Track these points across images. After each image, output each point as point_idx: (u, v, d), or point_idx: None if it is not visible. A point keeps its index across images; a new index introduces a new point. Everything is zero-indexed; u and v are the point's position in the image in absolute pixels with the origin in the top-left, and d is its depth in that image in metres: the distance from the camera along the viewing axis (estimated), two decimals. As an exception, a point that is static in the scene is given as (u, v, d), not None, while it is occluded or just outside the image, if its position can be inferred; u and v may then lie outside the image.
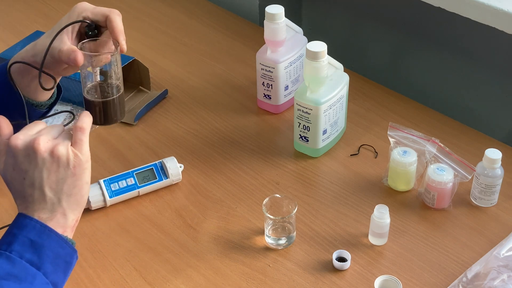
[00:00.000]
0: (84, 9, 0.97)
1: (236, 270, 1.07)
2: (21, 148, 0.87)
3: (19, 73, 1.00)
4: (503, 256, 1.03)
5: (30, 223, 0.86)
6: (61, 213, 0.88)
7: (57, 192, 0.88)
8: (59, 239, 0.87)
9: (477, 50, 1.43)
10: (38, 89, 1.03)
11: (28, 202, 0.88)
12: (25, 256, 0.84)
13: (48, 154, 0.87)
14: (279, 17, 1.30)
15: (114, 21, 0.95)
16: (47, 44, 0.95)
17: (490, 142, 1.30)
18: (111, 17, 0.95)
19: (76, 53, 0.93)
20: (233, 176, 1.26)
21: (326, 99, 1.23)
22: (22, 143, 0.88)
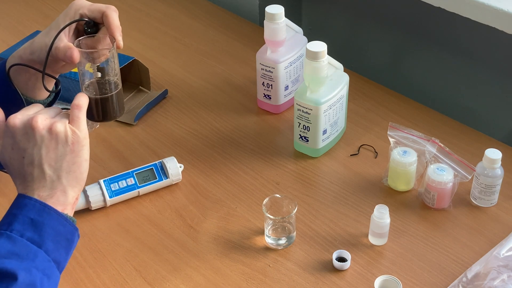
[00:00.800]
0: (80, 6, 0.98)
1: (236, 270, 1.07)
2: (19, 127, 0.88)
3: (17, 71, 1.01)
4: (503, 256, 1.03)
5: (29, 202, 0.86)
6: (61, 190, 0.88)
7: (57, 170, 0.88)
8: (59, 217, 0.87)
9: (477, 50, 1.43)
10: (36, 87, 1.03)
11: (27, 181, 0.88)
12: (25, 235, 0.84)
13: (46, 131, 0.88)
14: (279, 17, 1.30)
15: (110, 17, 0.96)
16: (44, 42, 0.96)
17: (490, 142, 1.30)
18: (107, 13, 0.96)
19: (72, 50, 0.94)
20: (233, 176, 1.26)
21: (326, 99, 1.23)
22: (20, 122, 0.88)
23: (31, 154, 0.88)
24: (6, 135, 0.89)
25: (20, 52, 1.00)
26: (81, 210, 1.17)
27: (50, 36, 0.96)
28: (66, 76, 1.40)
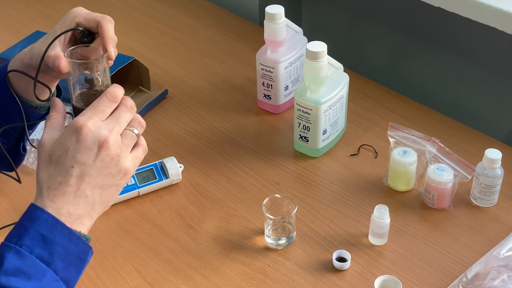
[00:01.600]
0: (77, 14, 0.97)
1: (236, 270, 1.07)
2: (89, 140, 0.83)
3: (17, 75, 1.01)
4: (503, 256, 1.03)
5: (41, 215, 0.82)
6: (89, 214, 0.85)
7: (97, 195, 0.85)
8: (71, 236, 0.83)
9: (477, 50, 1.43)
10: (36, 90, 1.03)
11: (59, 192, 0.83)
12: (35, 251, 0.81)
13: (111, 157, 0.84)
14: (279, 17, 1.30)
15: (104, 27, 0.94)
16: (42, 49, 0.95)
17: (490, 142, 1.30)
18: (102, 24, 0.94)
19: (60, 60, 0.92)
20: (233, 176, 1.26)
21: (326, 99, 1.23)
22: (92, 136, 0.84)
23: (84, 169, 0.83)
24: (69, 134, 0.84)
25: (21, 55, 1.00)
26: (81, 210, 1.17)
27: (47, 43, 0.95)
28: (66, 76, 1.40)
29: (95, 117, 0.85)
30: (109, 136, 0.84)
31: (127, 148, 0.86)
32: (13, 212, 1.18)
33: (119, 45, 1.70)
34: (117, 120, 0.86)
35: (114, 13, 1.79)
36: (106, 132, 0.84)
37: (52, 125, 0.88)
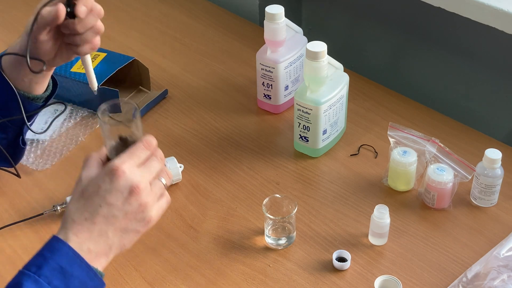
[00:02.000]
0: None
1: (236, 270, 1.07)
2: (121, 183, 0.84)
3: (13, 66, 1.01)
4: (503, 256, 1.03)
5: (63, 248, 0.83)
6: (105, 254, 0.85)
7: (118, 238, 0.85)
8: (89, 271, 0.83)
9: (477, 50, 1.43)
10: (33, 82, 1.04)
11: (83, 228, 0.84)
12: (53, 283, 0.81)
13: (140, 204, 0.85)
14: (279, 17, 1.30)
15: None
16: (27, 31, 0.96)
17: (490, 142, 1.30)
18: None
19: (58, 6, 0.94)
20: (233, 176, 1.26)
21: (326, 99, 1.23)
22: (125, 179, 0.84)
23: (111, 211, 0.84)
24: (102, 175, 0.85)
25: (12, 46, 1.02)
26: (81, 210, 1.17)
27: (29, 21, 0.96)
28: (66, 76, 1.40)
29: (130, 161, 0.86)
30: (141, 182, 0.85)
31: (155, 197, 0.87)
32: (13, 212, 1.18)
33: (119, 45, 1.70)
34: (149, 168, 0.87)
35: (114, 13, 1.79)
36: (138, 178, 0.85)
37: (91, 163, 0.88)
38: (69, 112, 1.41)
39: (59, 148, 1.32)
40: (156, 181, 0.88)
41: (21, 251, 1.11)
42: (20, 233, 1.14)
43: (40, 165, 1.28)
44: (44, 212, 1.16)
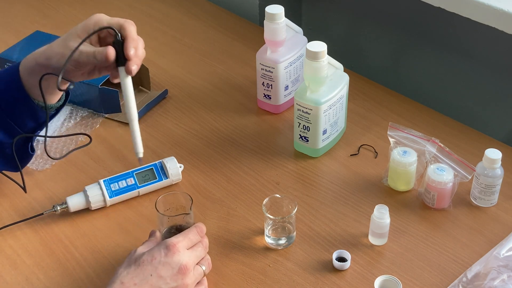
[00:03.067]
0: (100, 19, 1.00)
1: (236, 270, 1.07)
2: (174, 259, 0.95)
3: (29, 73, 1.02)
4: (503, 256, 1.03)
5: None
6: None
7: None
8: None
9: (477, 50, 1.43)
10: (47, 92, 1.04)
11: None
12: None
13: (182, 283, 0.95)
14: (279, 17, 1.30)
15: (127, 28, 0.98)
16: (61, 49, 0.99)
17: (490, 142, 1.30)
18: (125, 26, 0.99)
19: (108, 49, 0.97)
20: (233, 176, 1.26)
21: (326, 99, 1.23)
22: (178, 257, 0.95)
23: (159, 282, 0.93)
24: (158, 247, 0.96)
25: (35, 55, 1.02)
26: (81, 210, 1.17)
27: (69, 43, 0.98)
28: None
29: (184, 242, 0.97)
30: (190, 264, 0.96)
31: (196, 280, 0.98)
32: (13, 212, 1.18)
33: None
34: (196, 253, 0.99)
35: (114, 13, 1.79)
36: (188, 259, 0.96)
37: (149, 243, 1.00)
38: (69, 112, 1.41)
39: (59, 148, 1.32)
40: (198, 267, 0.99)
41: (21, 251, 1.11)
42: (20, 233, 1.14)
43: (40, 165, 1.28)
44: (44, 212, 1.16)
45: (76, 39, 0.99)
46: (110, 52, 0.97)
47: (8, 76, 1.05)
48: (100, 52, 0.97)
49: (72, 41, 0.99)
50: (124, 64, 0.99)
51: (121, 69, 0.99)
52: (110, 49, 0.97)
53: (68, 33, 1.01)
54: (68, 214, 1.17)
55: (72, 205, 1.16)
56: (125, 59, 0.98)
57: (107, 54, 0.97)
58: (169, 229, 1.06)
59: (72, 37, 1.00)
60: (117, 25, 0.99)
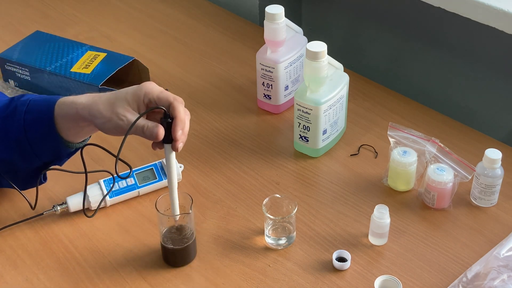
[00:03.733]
0: (151, 91, 1.00)
1: (236, 270, 1.07)
2: None
3: (66, 118, 1.02)
4: (503, 256, 1.03)
5: None
6: None
7: None
8: None
9: (477, 50, 1.43)
10: (77, 136, 1.05)
11: None
12: None
13: None
14: (279, 17, 1.30)
15: (176, 109, 0.98)
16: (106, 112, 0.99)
17: (490, 142, 1.30)
18: (174, 105, 0.98)
19: (159, 128, 0.97)
20: (233, 176, 1.26)
21: (326, 99, 1.23)
22: None
23: None
24: None
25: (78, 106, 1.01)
26: (81, 210, 1.17)
27: (117, 109, 0.98)
28: (66, 76, 1.40)
29: None
30: None
31: None
32: (13, 212, 1.18)
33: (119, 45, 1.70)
34: None
35: (114, 13, 1.80)
36: None
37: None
38: (69, 112, 1.41)
39: (59, 148, 1.32)
40: None
41: (21, 251, 1.11)
42: (20, 233, 1.14)
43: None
44: (44, 212, 1.16)
45: (125, 107, 0.99)
46: (160, 133, 0.97)
47: (42, 107, 1.04)
48: (150, 130, 0.97)
49: (120, 107, 0.99)
50: (171, 141, 0.99)
51: (167, 146, 1.00)
52: (161, 129, 0.97)
53: (116, 96, 1.00)
54: (68, 214, 1.17)
55: (72, 205, 1.16)
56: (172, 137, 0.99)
57: (157, 134, 0.97)
58: (169, 229, 1.06)
59: (120, 103, 0.99)
60: (166, 102, 0.99)
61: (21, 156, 1.06)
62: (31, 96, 1.07)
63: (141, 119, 0.99)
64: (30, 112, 1.04)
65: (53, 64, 1.43)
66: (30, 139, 1.04)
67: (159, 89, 1.01)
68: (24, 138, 1.04)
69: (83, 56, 1.45)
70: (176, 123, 0.98)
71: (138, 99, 1.00)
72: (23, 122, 1.04)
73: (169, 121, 0.98)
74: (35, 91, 1.46)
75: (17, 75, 1.46)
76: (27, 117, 1.04)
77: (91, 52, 1.47)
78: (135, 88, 1.01)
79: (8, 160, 1.06)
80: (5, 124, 1.05)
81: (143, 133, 0.98)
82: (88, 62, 1.43)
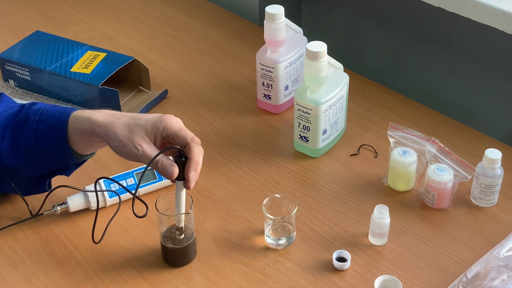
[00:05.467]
0: (170, 126, 1.00)
1: (236, 270, 1.07)
2: None
3: (79, 132, 1.02)
4: (503, 256, 1.03)
5: None
6: None
7: None
8: None
9: (477, 50, 1.43)
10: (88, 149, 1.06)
11: None
12: None
13: None
14: (279, 17, 1.30)
15: (192, 149, 0.98)
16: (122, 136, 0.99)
17: (490, 142, 1.30)
18: (190, 146, 0.99)
19: (174, 168, 0.97)
20: (233, 176, 1.26)
21: (326, 99, 1.23)
22: None
23: None
24: None
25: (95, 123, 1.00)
26: (81, 210, 1.17)
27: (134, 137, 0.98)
28: (66, 76, 1.40)
29: None
30: None
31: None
32: (13, 212, 1.18)
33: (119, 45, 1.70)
34: None
35: (114, 13, 1.79)
36: None
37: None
38: (69, 112, 1.41)
39: (59, 148, 1.32)
40: None
41: (21, 251, 1.11)
42: (20, 233, 1.14)
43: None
44: (44, 212, 1.16)
45: (143, 136, 0.98)
46: (174, 173, 0.98)
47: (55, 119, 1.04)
48: (165, 167, 0.98)
49: (137, 136, 0.98)
50: (183, 179, 1.00)
51: (179, 182, 1.01)
52: (175, 169, 0.98)
53: (135, 122, 0.99)
54: (68, 214, 1.17)
55: (72, 205, 1.16)
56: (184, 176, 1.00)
57: (172, 174, 0.98)
58: (169, 229, 1.06)
59: (138, 131, 0.99)
60: (184, 141, 0.99)
61: (28, 164, 1.06)
62: (44, 105, 1.06)
63: (155, 149, 0.99)
64: (42, 122, 1.04)
65: (53, 64, 1.43)
66: (40, 149, 1.04)
67: (178, 126, 1.00)
68: (34, 148, 1.04)
69: (83, 56, 1.45)
70: (190, 165, 0.98)
71: (156, 131, 0.99)
72: (35, 132, 1.03)
73: (183, 160, 0.99)
74: (35, 91, 1.46)
75: (17, 75, 1.46)
76: (39, 127, 1.03)
77: (91, 52, 1.47)
78: (156, 119, 1.00)
79: (14, 166, 1.07)
80: (14, 131, 1.05)
81: (157, 168, 0.99)
82: (88, 62, 1.43)
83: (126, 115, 1.01)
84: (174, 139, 1.00)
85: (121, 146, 0.99)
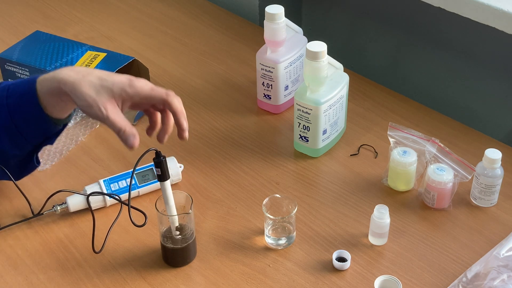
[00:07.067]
0: (141, 89, 0.98)
1: (236, 270, 1.07)
2: None
3: (45, 93, 1.00)
4: (503, 256, 1.03)
5: None
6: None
7: None
8: None
9: (477, 50, 1.43)
10: (62, 111, 1.04)
11: None
12: None
13: None
14: (279, 17, 1.30)
15: (173, 104, 0.98)
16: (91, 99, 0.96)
17: (490, 142, 1.30)
18: (169, 101, 0.98)
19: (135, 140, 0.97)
20: (233, 176, 1.26)
21: (326, 99, 1.23)
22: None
23: None
24: None
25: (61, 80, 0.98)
26: (81, 210, 1.17)
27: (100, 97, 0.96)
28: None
29: None
30: None
31: None
32: (13, 212, 1.18)
33: (119, 45, 1.70)
34: None
35: (114, 13, 1.79)
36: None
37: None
38: (69, 112, 1.41)
39: (59, 148, 1.32)
40: None
41: (21, 251, 1.11)
42: (20, 233, 1.14)
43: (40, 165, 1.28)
44: (44, 212, 1.16)
45: (109, 98, 0.97)
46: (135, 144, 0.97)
47: (24, 89, 1.02)
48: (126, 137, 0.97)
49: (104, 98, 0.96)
50: (166, 179, 1.01)
51: (163, 183, 1.01)
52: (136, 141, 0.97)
53: (102, 84, 0.97)
54: (68, 214, 1.17)
55: (72, 205, 1.16)
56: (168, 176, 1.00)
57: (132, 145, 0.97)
58: (169, 229, 1.06)
59: (105, 93, 0.96)
60: (159, 99, 0.98)
61: (10, 143, 1.05)
62: (9, 82, 1.05)
63: (123, 118, 0.97)
64: (11, 97, 1.02)
65: (53, 64, 1.43)
66: (17, 123, 1.03)
67: (149, 87, 0.99)
68: (11, 124, 1.02)
69: (83, 56, 1.45)
70: (178, 116, 0.98)
71: (125, 95, 0.97)
72: (7, 108, 1.02)
73: (162, 159, 0.99)
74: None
75: (17, 75, 1.46)
76: (10, 101, 1.02)
77: (91, 52, 1.47)
78: (124, 83, 0.98)
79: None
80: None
81: (119, 135, 0.97)
82: (88, 62, 1.43)
83: (92, 73, 0.98)
84: (148, 100, 0.98)
85: (87, 106, 0.96)
